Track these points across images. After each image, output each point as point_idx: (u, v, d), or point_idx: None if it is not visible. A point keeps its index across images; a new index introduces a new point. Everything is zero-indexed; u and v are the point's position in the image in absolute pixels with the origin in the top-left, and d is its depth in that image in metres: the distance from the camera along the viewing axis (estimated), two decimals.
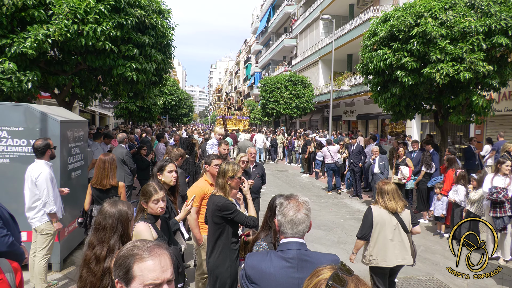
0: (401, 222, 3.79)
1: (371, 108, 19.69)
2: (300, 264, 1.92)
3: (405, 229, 3.78)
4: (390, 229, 3.77)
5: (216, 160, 4.21)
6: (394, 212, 3.79)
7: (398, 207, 3.80)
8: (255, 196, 6.36)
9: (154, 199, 2.95)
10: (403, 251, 3.76)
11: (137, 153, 9.32)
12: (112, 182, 4.67)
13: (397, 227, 3.77)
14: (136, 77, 8.00)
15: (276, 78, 26.11)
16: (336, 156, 12.10)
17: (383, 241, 3.78)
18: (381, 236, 3.79)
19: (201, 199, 3.99)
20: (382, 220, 3.80)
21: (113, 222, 2.25)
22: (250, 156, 6.30)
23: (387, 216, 3.80)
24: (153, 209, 2.95)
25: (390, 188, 3.82)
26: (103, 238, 2.22)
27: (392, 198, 3.81)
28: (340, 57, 24.10)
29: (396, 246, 3.76)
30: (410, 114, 10.15)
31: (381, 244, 3.78)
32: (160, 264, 1.41)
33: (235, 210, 3.25)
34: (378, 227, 3.80)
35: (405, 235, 3.78)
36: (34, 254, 4.52)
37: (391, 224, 3.77)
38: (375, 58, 9.08)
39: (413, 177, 9.02)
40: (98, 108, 23.51)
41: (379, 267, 3.82)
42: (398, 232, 3.77)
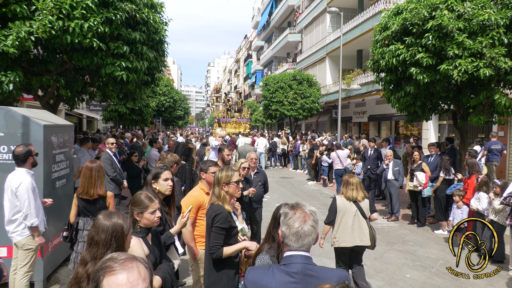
0: (360, 210, 4.87)
1: (384, 108, 19.69)
2: (305, 279, 1.91)
3: (364, 216, 4.89)
4: (350, 215, 4.86)
5: (214, 167, 4.21)
6: (355, 201, 4.87)
7: (359, 196, 4.88)
8: (256, 205, 6.35)
9: (151, 209, 2.94)
10: (361, 234, 4.85)
11: (127, 159, 9.32)
12: (99, 191, 4.68)
13: (356, 213, 4.86)
14: (126, 77, 8.03)
15: (280, 77, 26.18)
16: (346, 162, 12.09)
17: (344, 225, 4.86)
18: (343, 221, 4.88)
19: (196, 209, 3.98)
20: (344, 207, 4.89)
21: (106, 237, 2.23)
22: (251, 162, 6.29)
23: (348, 204, 4.88)
24: (150, 221, 2.93)
25: (355, 180, 4.94)
26: (95, 255, 2.19)
27: (355, 189, 4.89)
28: (349, 53, 24.16)
29: (355, 229, 4.83)
30: (426, 114, 10.14)
31: (343, 228, 4.86)
32: (129, 279, 1.40)
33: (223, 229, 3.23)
34: (341, 214, 4.89)
35: (363, 221, 4.87)
36: (14, 272, 4.52)
37: (351, 211, 4.86)
38: (387, 54, 9.09)
39: (430, 183, 8.99)
40: (86, 111, 23.59)
41: (341, 247, 4.91)
42: (357, 218, 4.87)
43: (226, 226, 3.27)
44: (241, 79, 68.20)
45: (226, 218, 3.28)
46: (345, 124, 26.75)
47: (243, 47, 68.53)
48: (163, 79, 31.42)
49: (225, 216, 3.27)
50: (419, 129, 18.46)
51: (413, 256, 7.14)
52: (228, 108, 28.73)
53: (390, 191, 9.70)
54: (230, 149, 6.08)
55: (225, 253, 3.24)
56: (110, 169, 7.43)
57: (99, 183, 4.69)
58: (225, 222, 3.26)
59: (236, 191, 3.49)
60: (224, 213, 3.29)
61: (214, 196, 3.45)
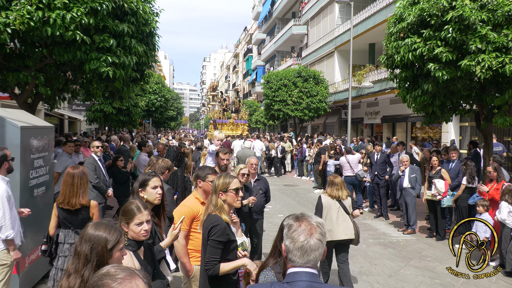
0: (343, 207, 5.93)
1: (399, 108, 19.70)
2: None
3: (347, 212, 5.93)
4: (334, 212, 5.88)
5: (213, 175, 4.18)
6: (339, 199, 5.93)
7: (343, 195, 5.96)
8: (257, 216, 6.34)
9: (137, 221, 2.94)
10: (346, 228, 5.86)
11: (113, 164, 9.33)
12: (82, 201, 4.67)
13: (339, 209, 5.90)
14: (113, 73, 8.04)
15: (283, 73, 26.23)
16: (356, 168, 12.07)
17: (329, 220, 5.83)
18: (328, 217, 5.86)
19: (190, 221, 3.97)
20: (329, 205, 5.92)
21: (86, 249, 2.24)
22: (250, 167, 6.29)
23: (332, 201, 5.93)
24: (135, 233, 2.94)
25: (339, 181, 6.03)
26: (77, 268, 2.21)
27: (340, 188, 5.96)
28: (360, 47, 24.21)
29: (339, 224, 5.85)
30: (446, 115, 10.14)
31: (328, 223, 5.79)
32: None
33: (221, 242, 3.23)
34: (326, 210, 5.90)
35: (346, 216, 5.91)
36: None
37: (335, 208, 5.90)
38: (402, 48, 9.10)
39: (451, 192, 8.98)
40: (68, 111, 23.63)
41: (328, 241, 5.57)
42: (341, 213, 5.90)
43: (224, 239, 3.26)
44: (240, 75, 68.32)
45: (224, 230, 3.26)
46: (356, 126, 26.76)
47: (243, 40, 68.71)
48: (153, 76, 31.48)
49: (223, 228, 3.26)
50: (438, 132, 18.46)
51: (432, 273, 7.12)
52: (224, 108, 28.79)
53: (406, 201, 9.68)
54: (226, 152, 6.04)
55: (222, 270, 3.23)
56: (92, 175, 7.42)
57: (81, 191, 4.69)
58: (223, 235, 3.25)
59: (235, 200, 3.48)
60: (221, 224, 3.28)
61: (211, 205, 3.45)
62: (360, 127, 26.54)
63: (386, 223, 10.79)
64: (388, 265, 7.51)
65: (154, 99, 34.25)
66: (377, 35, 21.06)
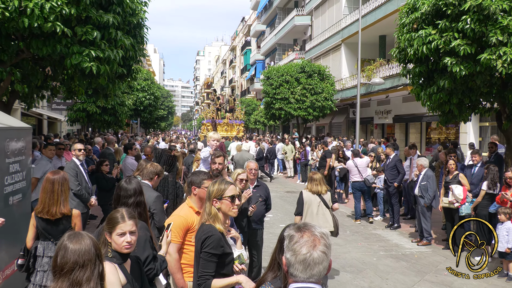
0: (323, 201, 6.83)
1: (412, 107, 19.72)
2: None
3: (327, 206, 6.84)
4: (315, 206, 6.79)
5: (208, 181, 4.17)
6: (319, 194, 6.82)
7: (322, 190, 6.84)
8: (256, 226, 6.35)
9: (119, 231, 2.96)
10: (324, 221, 6.74)
11: (97, 170, 9.32)
12: (63, 210, 4.67)
13: (320, 204, 6.81)
14: (97, 69, 8.05)
15: (285, 68, 26.26)
16: (365, 172, 12.05)
17: (310, 214, 6.75)
18: (309, 211, 6.78)
19: (184, 233, 3.96)
20: (309, 199, 6.81)
21: (54, 264, 2.30)
22: (249, 173, 6.29)
23: (313, 196, 6.83)
24: (117, 244, 2.96)
25: (318, 177, 6.94)
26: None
27: (319, 184, 6.85)
28: (369, 39, 24.24)
29: (319, 217, 6.76)
30: (464, 115, 10.16)
31: (309, 217, 6.72)
32: None
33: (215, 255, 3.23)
34: (307, 205, 6.81)
35: (326, 210, 6.84)
36: None
37: (315, 202, 6.81)
38: (415, 40, 9.13)
39: (470, 199, 8.98)
40: (47, 110, 23.63)
41: None
42: (321, 207, 6.81)
43: (218, 251, 3.26)
44: (238, 71, 68.38)
45: (219, 241, 3.26)
46: (365, 126, 26.77)
47: (240, 32, 68.80)
48: (142, 72, 31.50)
49: (217, 239, 3.26)
50: (456, 133, 18.49)
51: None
52: (218, 107, 28.82)
53: (419, 209, 9.72)
54: (219, 155, 6.03)
55: (215, 286, 3.23)
56: (73, 181, 7.42)
57: (62, 199, 4.69)
58: (217, 247, 3.25)
59: (230, 208, 3.47)
60: (216, 235, 3.27)
61: (205, 214, 3.45)
62: (369, 127, 26.55)
63: (399, 234, 10.79)
64: (401, 280, 7.51)
65: (142, 97, 34.27)
66: (388, 26, 21.09)
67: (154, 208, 5.00)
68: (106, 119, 22.25)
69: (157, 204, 5.07)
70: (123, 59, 9.01)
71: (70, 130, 28.04)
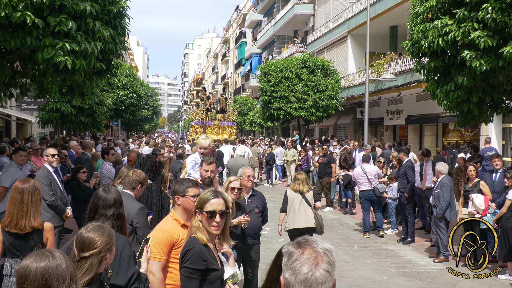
0: (305, 199, 8.13)
1: (427, 106, 19.79)
2: None
3: (308, 204, 8.12)
4: (297, 203, 8.09)
5: (194, 188, 4.17)
6: (301, 192, 8.15)
7: (304, 189, 8.18)
8: (252, 241, 6.34)
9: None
10: (306, 218, 8.02)
11: (73, 177, 9.29)
12: (34, 223, 4.65)
13: (302, 202, 8.10)
14: (72, 64, 8.03)
15: (284, 63, 26.30)
16: (375, 180, 12.05)
17: (292, 211, 8.10)
18: (292, 208, 8.12)
19: (169, 249, 3.95)
20: (292, 197, 8.19)
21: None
22: (245, 180, 6.29)
23: (295, 195, 8.19)
24: None
25: (302, 177, 8.34)
26: None
27: (301, 183, 8.21)
28: (379, 30, 24.33)
29: (301, 214, 8.02)
30: (485, 115, 10.19)
31: (292, 214, 8.11)
32: None
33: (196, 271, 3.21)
34: (290, 202, 8.17)
35: (308, 207, 8.09)
36: None
37: (297, 200, 8.12)
38: (430, 32, 9.16)
39: (492, 210, 9.00)
40: (15, 110, 23.54)
41: (291, 230, 8.12)
42: (302, 205, 8.08)
43: (200, 266, 3.25)
44: (231, 66, 68.47)
45: (199, 254, 3.25)
46: (375, 128, 26.84)
47: (234, 22, 68.93)
48: (123, 67, 31.46)
49: (197, 252, 3.24)
50: (476, 135, 18.55)
51: None
52: (208, 107, 28.84)
53: (433, 221, 9.75)
54: (210, 162, 5.98)
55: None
56: (47, 191, 7.40)
57: (33, 211, 4.67)
58: (198, 261, 3.24)
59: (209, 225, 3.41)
60: (196, 248, 3.26)
61: (192, 226, 3.47)
62: (379, 129, 26.62)
63: (413, 249, 10.79)
64: None
65: (123, 95, 34.18)
66: (400, 16, 21.18)
67: (137, 221, 4.97)
68: (83, 120, 22.15)
69: (141, 216, 5.04)
70: (101, 53, 9.00)
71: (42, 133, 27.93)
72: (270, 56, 43.79)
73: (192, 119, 30.97)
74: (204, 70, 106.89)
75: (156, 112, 64.99)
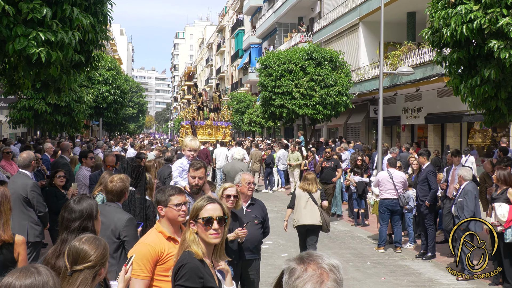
0: (312, 198, 9.57)
1: (450, 103, 19.78)
2: None
3: (315, 202, 9.57)
4: (303, 201, 9.57)
5: (177, 196, 4.19)
6: (309, 192, 9.61)
7: (313, 189, 9.66)
8: (251, 256, 6.34)
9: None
10: (311, 216, 9.48)
11: (50, 184, 9.27)
12: (3, 235, 4.64)
13: (308, 200, 9.55)
14: (47, 56, 8.03)
15: (287, 55, 26.27)
16: (401, 188, 11.85)
17: (300, 209, 9.58)
18: (299, 206, 9.61)
19: (152, 265, 3.94)
20: (300, 195, 9.70)
21: None
22: (244, 188, 6.29)
23: (303, 193, 9.68)
24: None
25: (311, 177, 9.83)
26: None
27: (311, 183, 9.67)
28: (394, 17, 24.34)
29: (307, 212, 9.50)
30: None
31: (299, 211, 9.59)
32: None
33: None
34: (297, 200, 9.67)
35: (314, 206, 9.54)
36: None
37: (304, 198, 9.60)
38: (453, 18, 9.16)
39: None
40: None
41: (298, 226, 9.66)
42: (309, 203, 9.54)
43: (196, 285, 3.26)
44: (227, 58, 68.47)
45: (195, 271, 3.26)
46: (390, 128, 26.81)
47: (230, 8, 68.94)
48: (104, 59, 31.47)
49: (192, 268, 3.25)
50: (505, 135, 18.53)
51: None
52: (199, 106, 28.86)
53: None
54: (198, 167, 5.94)
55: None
56: (42, 201, 7.55)
57: (2, 222, 4.66)
58: (193, 278, 3.25)
59: (206, 234, 3.45)
60: (191, 263, 3.27)
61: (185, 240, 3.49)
62: (395, 129, 26.60)
63: (433, 265, 10.78)
64: None
65: (105, 91, 34.22)
66: (418, 1, 21.20)
67: (125, 234, 4.97)
68: (59, 120, 22.16)
69: (129, 229, 5.02)
70: (80, 44, 9.00)
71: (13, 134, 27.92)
72: (271, 47, 43.79)
73: (183, 118, 31.00)
74: (196, 63, 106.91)
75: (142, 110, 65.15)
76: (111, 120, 37.37)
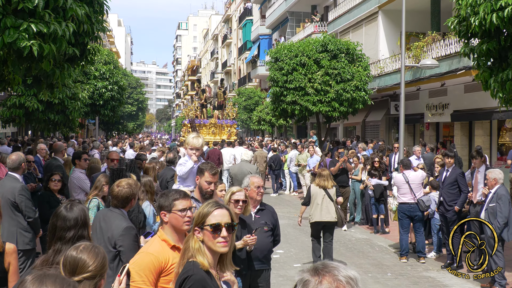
0: (328, 194, 10.56)
1: (478, 99, 19.70)
2: None
3: (331, 199, 10.58)
4: (320, 198, 10.55)
5: (182, 200, 4.19)
6: (325, 188, 10.58)
7: (329, 185, 10.66)
8: (260, 266, 6.34)
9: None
10: (327, 212, 10.46)
11: (44, 187, 9.29)
12: None
13: (324, 197, 10.53)
14: (39, 49, 8.07)
15: (300, 47, 26.25)
16: (419, 190, 11.84)
17: (316, 206, 10.54)
18: (315, 202, 10.58)
19: (155, 276, 3.95)
20: (316, 192, 10.67)
21: None
22: (253, 192, 6.28)
23: (319, 190, 10.67)
24: None
25: (326, 173, 10.86)
26: None
27: (326, 180, 10.65)
28: (417, 5, 24.28)
29: (323, 209, 10.45)
30: None
31: (314, 208, 10.58)
32: None
33: None
34: (313, 197, 10.64)
35: (330, 202, 10.54)
36: None
37: (320, 195, 10.58)
38: (482, 6, 9.12)
39: None
40: None
41: (314, 223, 10.73)
42: (325, 200, 10.51)
43: None
44: (234, 50, 68.50)
45: (201, 282, 3.27)
46: (413, 126, 26.72)
47: None
48: (101, 52, 31.58)
49: (198, 280, 3.27)
50: None
51: None
52: (203, 103, 28.89)
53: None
54: (214, 172, 5.94)
55: None
56: (31, 206, 7.57)
57: None
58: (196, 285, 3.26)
59: (214, 242, 3.45)
60: (197, 275, 3.29)
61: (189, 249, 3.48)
62: (418, 127, 26.51)
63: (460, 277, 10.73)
64: None
65: (102, 87, 34.32)
66: None
67: (121, 244, 4.97)
68: (52, 118, 22.20)
69: (126, 238, 5.01)
70: (74, 36, 9.03)
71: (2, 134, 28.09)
72: (282, 38, 43.79)
73: (185, 116, 31.03)
74: (200, 56, 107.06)
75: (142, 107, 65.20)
76: (108, 119, 37.43)
